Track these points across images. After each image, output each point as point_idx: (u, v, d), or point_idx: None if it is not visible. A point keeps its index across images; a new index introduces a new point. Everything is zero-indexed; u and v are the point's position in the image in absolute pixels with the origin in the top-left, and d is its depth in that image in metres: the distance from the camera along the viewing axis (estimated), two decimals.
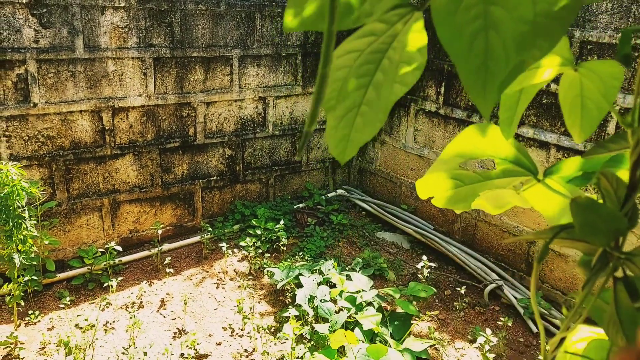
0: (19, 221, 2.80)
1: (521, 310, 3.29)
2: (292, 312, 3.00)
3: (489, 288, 3.48)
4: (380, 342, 2.82)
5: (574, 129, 0.68)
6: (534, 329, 3.19)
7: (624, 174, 0.68)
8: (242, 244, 3.80)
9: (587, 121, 0.66)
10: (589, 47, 3.04)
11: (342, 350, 2.72)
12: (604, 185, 0.58)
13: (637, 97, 0.52)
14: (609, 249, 0.60)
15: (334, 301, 3.09)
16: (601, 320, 0.66)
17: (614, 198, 0.60)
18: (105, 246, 3.49)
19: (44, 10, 3.10)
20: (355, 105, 0.57)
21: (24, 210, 2.83)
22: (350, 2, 0.48)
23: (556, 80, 2.98)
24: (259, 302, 3.38)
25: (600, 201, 0.62)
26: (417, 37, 0.54)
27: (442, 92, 3.94)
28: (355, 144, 0.58)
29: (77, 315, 3.12)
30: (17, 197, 2.75)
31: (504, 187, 0.76)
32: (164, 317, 3.20)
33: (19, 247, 2.85)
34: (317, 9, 0.47)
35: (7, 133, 3.16)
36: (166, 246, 3.81)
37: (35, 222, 3.13)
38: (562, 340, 0.76)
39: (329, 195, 4.68)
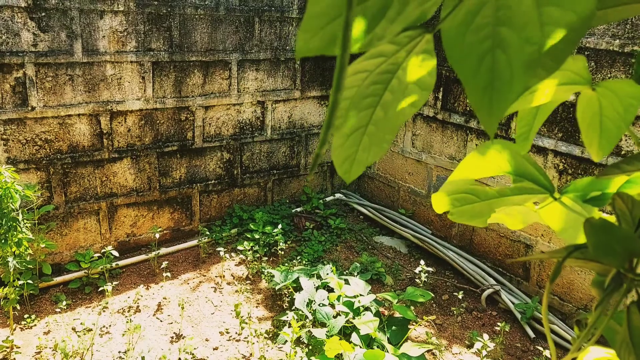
0: (14, 224, 2.78)
1: (518, 316, 3.30)
2: (291, 316, 3.00)
3: (486, 293, 3.49)
4: (378, 347, 2.83)
5: (592, 147, 0.68)
6: (531, 334, 3.20)
7: (635, 193, 0.69)
8: (239, 248, 3.80)
9: (606, 139, 0.67)
10: (586, 53, 3.05)
11: (339, 356, 2.72)
12: (619, 206, 0.59)
13: None
14: (623, 270, 0.60)
15: (332, 306, 3.09)
16: (613, 341, 0.66)
17: (629, 219, 0.61)
18: (102, 250, 3.48)
19: (43, 14, 3.09)
20: (362, 125, 0.57)
21: (18, 213, 2.81)
22: (363, 27, 0.49)
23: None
24: (256, 307, 3.37)
25: (616, 222, 0.62)
26: (426, 59, 0.55)
27: (440, 97, 3.95)
28: (361, 164, 0.59)
29: (74, 319, 3.11)
30: (11, 200, 2.73)
31: (520, 204, 0.76)
32: (161, 321, 3.19)
33: (14, 251, 2.83)
34: (329, 35, 0.48)
35: (4, 136, 3.15)
36: (163, 250, 3.80)
37: (32, 225, 3.11)
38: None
39: (327, 199, 4.69)
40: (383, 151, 0.61)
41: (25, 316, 3.08)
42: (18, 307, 3.07)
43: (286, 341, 2.94)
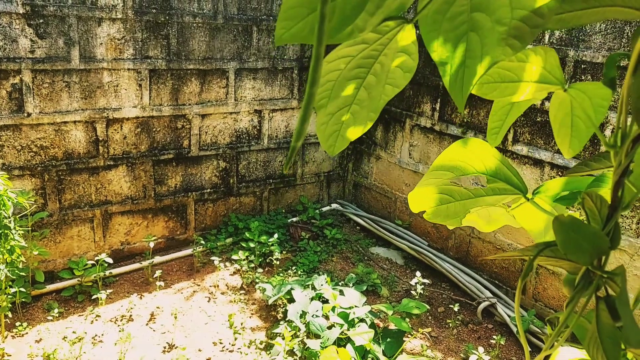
0: (5, 232, 2.77)
1: (514, 329, 3.27)
2: (284, 327, 2.97)
3: (482, 306, 3.45)
4: (373, 359, 2.79)
5: (564, 146, 0.68)
6: (527, 348, 3.16)
7: (607, 193, 0.67)
8: (234, 257, 3.78)
9: (576, 139, 0.67)
10: (582, 66, 3.05)
11: None
12: (588, 204, 0.58)
13: (618, 120, 0.52)
14: (592, 268, 0.59)
15: (326, 317, 3.06)
16: (584, 339, 0.65)
17: (598, 217, 0.60)
18: (96, 258, 3.46)
19: (41, 20, 3.11)
20: (346, 104, 0.60)
21: (11, 220, 2.80)
22: (343, 18, 0.49)
23: (550, 98, 2.99)
24: (250, 317, 3.34)
25: (585, 220, 0.61)
26: (409, 43, 0.56)
27: (438, 108, 3.95)
28: (345, 139, 0.62)
29: (66, 328, 3.09)
30: (3, 208, 2.72)
31: (494, 205, 0.75)
32: (154, 330, 3.16)
33: (6, 258, 2.81)
34: (308, 24, 0.48)
35: None
36: (157, 259, 3.78)
37: (25, 232, 3.10)
38: (547, 357, 0.75)
39: (323, 209, 4.67)
40: (366, 127, 0.64)
41: (17, 324, 3.05)
42: (10, 315, 3.05)
43: (279, 352, 2.91)
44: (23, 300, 3.17)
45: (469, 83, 0.51)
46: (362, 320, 3.04)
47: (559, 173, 3.20)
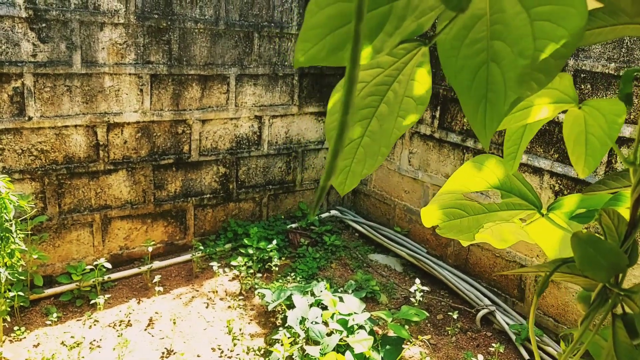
0: (6, 235, 2.76)
1: (513, 337, 3.27)
2: (283, 333, 2.96)
3: (481, 313, 3.46)
4: None
5: (578, 164, 0.68)
6: (526, 356, 3.16)
7: (625, 211, 0.68)
8: (233, 263, 3.77)
9: (591, 156, 0.67)
10: (582, 75, 3.07)
11: None
12: (605, 221, 0.58)
13: (638, 137, 0.53)
14: (609, 285, 0.60)
15: (326, 323, 3.05)
16: (599, 356, 0.65)
17: (615, 235, 0.60)
18: (95, 262, 3.45)
19: (44, 25, 3.11)
20: (358, 136, 0.57)
21: (12, 224, 2.79)
22: (363, 39, 0.49)
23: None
24: (249, 323, 3.34)
25: (602, 238, 0.61)
26: (422, 72, 0.55)
27: (438, 115, 3.96)
28: (356, 176, 0.58)
29: (64, 333, 3.07)
30: (5, 211, 2.72)
31: (508, 220, 0.75)
32: (152, 336, 3.15)
33: (6, 262, 2.80)
34: (328, 46, 0.48)
35: (0, 146, 3.14)
36: (156, 264, 3.77)
37: (24, 236, 3.09)
38: None
39: (322, 215, 4.67)
40: (378, 163, 0.61)
41: (15, 328, 3.04)
42: (8, 319, 3.03)
43: (278, 359, 2.90)
44: (21, 304, 3.15)
45: (492, 121, 0.50)
46: (361, 327, 3.04)
47: (558, 181, 3.21)
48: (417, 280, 3.51)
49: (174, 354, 3.00)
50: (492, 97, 0.54)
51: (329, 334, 2.97)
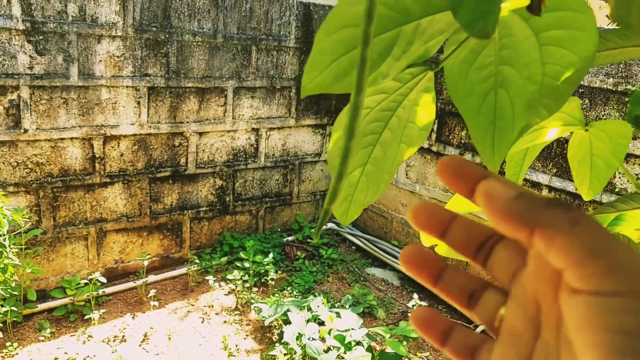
0: (0, 250, 2.73)
1: None
2: (279, 349, 2.93)
3: (480, 328, 3.42)
4: None
5: (583, 186, 0.67)
6: None
7: (632, 233, 0.66)
8: (229, 277, 3.73)
9: (596, 178, 0.66)
10: (580, 90, 3.08)
11: None
12: None
13: None
14: None
15: (323, 339, 3.02)
16: None
17: None
18: (90, 276, 3.41)
19: (41, 37, 3.10)
20: (361, 164, 0.55)
21: (5, 238, 2.76)
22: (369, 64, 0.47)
23: None
24: (245, 339, 3.30)
25: None
26: (428, 97, 0.53)
27: (435, 129, 3.96)
28: (358, 205, 0.56)
29: (57, 348, 3.03)
30: None
31: None
32: (147, 352, 3.10)
33: None
34: (335, 72, 0.46)
35: None
36: (151, 278, 3.73)
37: (18, 250, 3.05)
38: None
39: None
40: (380, 192, 0.59)
41: (8, 344, 2.99)
42: (0, 335, 2.98)
43: None
44: (14, 319, 3.11)
45: (501, 148, 0.48)
46: (359, 343, 3.00)
47: (557, 195, 3.20)
48: (415, 295, 3.48)
49: None
50: (501, 123, 0.53)
51: (326, 351, 2.93)
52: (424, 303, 3.63)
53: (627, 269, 0.25)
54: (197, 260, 3.90)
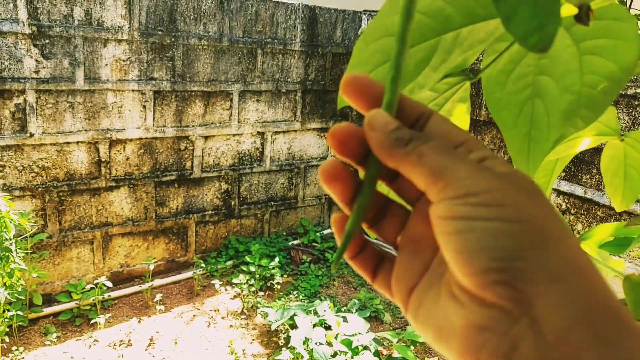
0: (6, 254, 2.72)
1: None
2: (286, 354, 2.91)
3: None
4: None
5: (616, 197, 0.66)
6: None
7: None
8: (235, 281, 3.72)
9: (629, 189, 0.64)
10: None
11: None
12: None
13: None
14: None
15: (330, 344, 3.00)
16: None
17: None
18: (95, 281, 3.40)
19: (47, 41, 3.09)
20: None
21: (12, 242, 2.75)
22: (405, 74, 0.46)
23: None
24: (251, 343, 3.28)
25: None
26: (463, 107, 0.52)
27: None
28: None
29: (63, 353, 3.01)
30: (5, 230, 2.67)
31: None
32: (153, 356, 3.09)
33: (5, 281, 2.76)
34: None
35: (1, 163, 3.11)
36: (157, 282, 3.72)
37: (24, 254, 3.04)
38: None
39: (325, 232, 4.63)
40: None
41: (14, 348, 2.98)
42: (6, 339, 2.97)
43: None
44: (20, 323, 3.10)
45: (536, 159, 0.48)
46: (366, 347, 2.99)
47: (565, 199, 3.19)
48: None
49: None
50: (535, 134, 0.52)
51: (333, 355, 2.92)
52: None
53: (463, 180, 0.29)
54: (202, 264, 3.88)
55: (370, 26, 0.44)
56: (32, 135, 3.16)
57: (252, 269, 3.84)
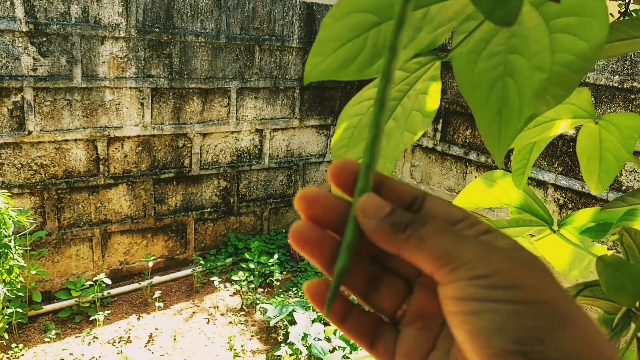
0: (5, 251, 2.73)
1: None
2: (285, 350, 2.92)
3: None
4: None
5: (592, 181, 0.66)
6: None
7: None
8: (234, 278, 3.73)
9: (605, 172, 0.65)
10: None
11: None
12: (627, 241, 0.55)
13: None
14: (635, 309, 0.57)
15: (328, 340, 3.01)
16: None
17: (638, 255, 0.57)
18: (94, 278, 3.41)
19: (44, 39, 3.10)
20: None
21: (11, 239, 2.76)
22: (374, 51, 0.46)
23: None
24: (250, 339, 3.29)
25: (623, 257, 0.59)
26: (433, 85, 0.52)
27: (440, 128, 3.95)
28: None
29: (63, 350, 3.03)
30: (4, 227, 2.69)
31: (518, 236, 0.73)
32: (152, 353, 3.10)
33: (4, 278, 2.77)
34: (339, 59, 0.45)
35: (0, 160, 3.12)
36: (156, 279, 3.73)
37: (23, 251, 3.05)
38: None
39: None
40: None
41: (13, 345, 2.99)
42: (6, 336, 2.99)
43: None
44: (19, 321, 3.11)
45: (507, 138, 0.48)
46: None
47: (563, 194, 3.18)
48: None
49: None
50: (507, 113, 0.52)
51: (331, 351, 2.92)
52: None
53: (470, 262, 0.28)
54: (202, 262, 3.89)
55: (338, 2, 0.45)
56: (30, 133, 3.17)
57: (252, 266, 3.85)
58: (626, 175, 2.91)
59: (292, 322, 3.22)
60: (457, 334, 0.28)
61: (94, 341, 3.14)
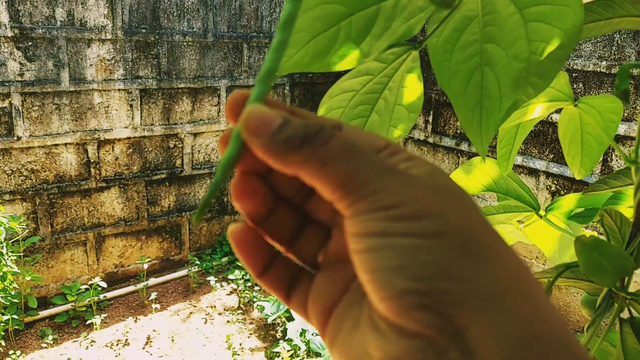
0: None
1: None
2: (283, 346, 2.92)
3: None
4: None
5: (574, 165, 0.66)
6: None
7: (626, 210, 0.66)
8: (230, 277, 3.73)
9: (588, 156, 0.65)
10: (574, 75, 3.07)
11: None
12: (607, 223, 0.56)
13: (638, 134, 0.51)
14: (615, 289, 0.57)
15: None
16: None
17: (618, 236, 0.58)
18: (90, 282, 3.40)
19: (30, 43, 3.08)
20: None
21: (3, 246, 2.75)
22: (349, 42, 0.46)
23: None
24: (248, 337, 3.29)
25: (604, 239, 0.59)
26: (413, 77, 0.53)
27: (431, 120, 3.96)
28: None
29: (60, 355, 3.02)
30: None
31: (505, 222, 0.73)
32: (151, 354, 3.10)
33: None
34: (309, 51, 0.45)
35: None
36: (152, 281, 3.72)
37: (17, 258, 3.04)
38: None
39: None
40: None
41: (10, 352, 2.98)
42: (3, 343, 2.98)
43: None
44: (16, 327, 3.10)
45: (488, 128, 0.47)
46: None
47: (555, 181, 3.20)
48: None
49: None
50: (487, 103, 0.52)
51: None
52: None
53: (377, 193, 0.24)
54: (197, 262, 3.89)
55: None
56: (19, 138, 3.15)
57: None
58: (617, 160, 2.93)
59: (290, 319, 3.22)
60: (360, 276, 0.25)
61: (91, 345, 3.13)
